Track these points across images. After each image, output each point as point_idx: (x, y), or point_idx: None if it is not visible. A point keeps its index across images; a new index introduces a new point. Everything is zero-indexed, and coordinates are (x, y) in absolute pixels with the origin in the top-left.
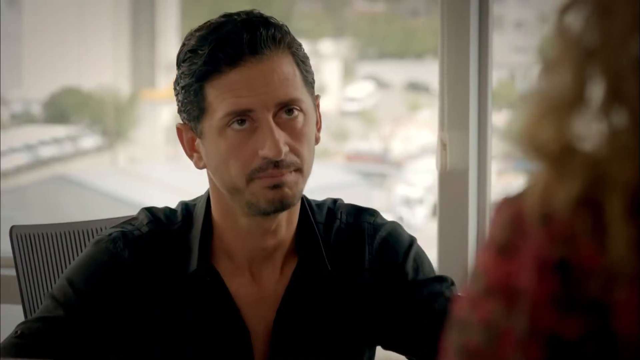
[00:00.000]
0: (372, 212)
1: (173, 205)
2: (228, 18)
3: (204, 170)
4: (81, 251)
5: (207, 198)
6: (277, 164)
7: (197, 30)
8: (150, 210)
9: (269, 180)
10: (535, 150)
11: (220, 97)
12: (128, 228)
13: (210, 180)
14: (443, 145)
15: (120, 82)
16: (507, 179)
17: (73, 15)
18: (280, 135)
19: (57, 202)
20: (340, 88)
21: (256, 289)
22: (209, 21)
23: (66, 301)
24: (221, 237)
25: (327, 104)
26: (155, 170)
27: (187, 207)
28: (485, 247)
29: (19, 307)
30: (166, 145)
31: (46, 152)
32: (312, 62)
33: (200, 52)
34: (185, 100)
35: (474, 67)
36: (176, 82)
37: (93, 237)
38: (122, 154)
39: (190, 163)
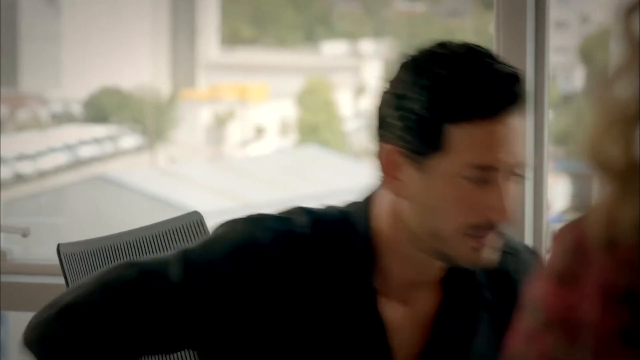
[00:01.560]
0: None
1: (213, 206)
2: (488, 59)
3: (245, 171)
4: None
5: (365, 211)
6: (492, 226)
7: (448, 57)
8: (310, 212)
9: (479, 241)
10: (599, 165)
11: (468, 144)
12: (290, 225)
13: (397, 205)
14: None
15: (159, 82)
16: (551, 179)
17: (112, 15)
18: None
19: (96, 203)
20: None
21: (406, 312)
22: (464, 49)
23: (199, 270)
24: (382, 257)
25: (368, 104)
26: (195, 171)
27: (343, 216)
28: (544, 276)
29: None
30: (206, 145)
31: (86, 151)
32: (353, 62)
33: (454, 88)
34: (416, 128)
35: (530, 70)
36: (400, 102)
37: (140, 246)
38: (162, 154)
39: (231, 164)
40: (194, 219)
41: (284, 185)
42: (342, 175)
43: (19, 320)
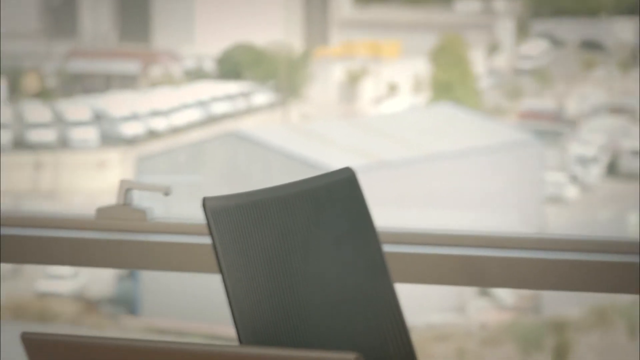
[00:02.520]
0: None
1: (345, 163)
2: None
3: (378, 129)
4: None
5: None
6: None
7: None
8: None
9: None
10: None
11: None
12: None
13: None
14: None
15: (292, 39)
16: None
17: None
18: None
19: (230, 159)
20: (514, 46)
21: None
22: None
23: None
24: None
25: (501, 62)
26: (328, 128)
27: None
28: None
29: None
30: (339, 102)
31: (219, 108)
32: (486, 20)
33: None
34: None
35: None
36: None
37: (289, 202)
38: (295, 111)
39: (364, 122)
40: (346, 176)
41: (417, 143)
42: (475, 133)
43: (152, 279)
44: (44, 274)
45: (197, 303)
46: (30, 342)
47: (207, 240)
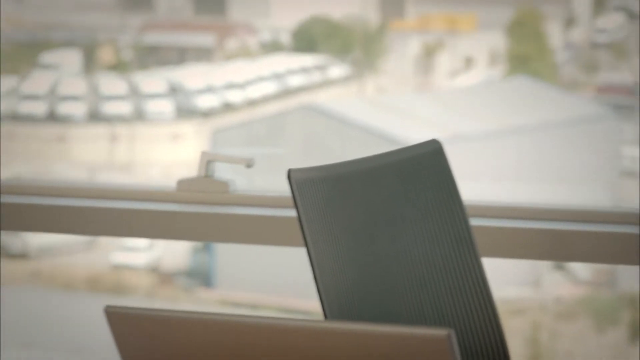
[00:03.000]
0: None
1: (421, 136)
2: None
3: (453, 102)
4: (363, 194)
5: None
6: None
7: None
8: None
9: None
10: None
11: None
12: None
13: None
14: None
15: (368, 12)
16: None
17: None
18: None
19: (306, 132)
20: (591, 19)
21: None
22: None
23: None
24: None
25: (578, 35)
26: (404, 101)
27: None
28: None
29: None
30: (414, 75)
31: (294, 81)
32: None
33: None
34: None
35: None
36: None
37: (374, 174)
38: (370, 84)
39: (440, 95)
40: (433, 148)
41: (493, 116)
42: (551, 107)
43: (227, 251)
44: (119, 246)
45: (272, 276)
46: (113, 315)
47: (288, 213)
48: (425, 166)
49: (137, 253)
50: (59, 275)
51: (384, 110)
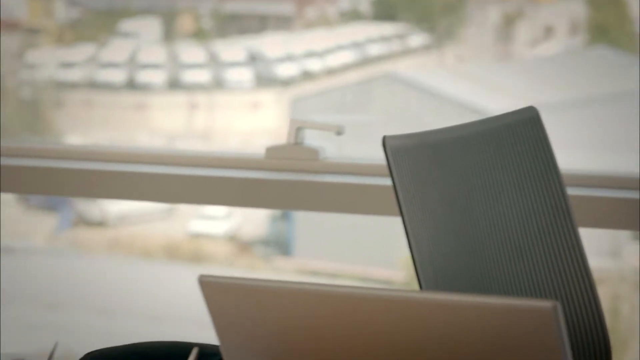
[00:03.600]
0: None
1: (502, 105)
2: None
3: (534, 71)
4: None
5: None
6: None
7: None
8: None
9: None
10: None
11: None
12: None
13: None
14: None
15: None
16: None
17: None
18: None
19: (385, 100)
20: None
21: None
22: None
23: None
24: None
25: None
26: (484, 70)
27: None
28: None
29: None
30: (494, 44)
31: (374, 50)
32: None
33: None
34: None
35: None
36: None
37: (471, 140)
38: (450, 52)
39: (520, 64)
40: (530, 115)
41: (573, 86)
42: (632, 78)
43: (306, 220)
44: (197, 215)
45: (351, 244)
46: (207, 284)
47: (380, 181)
48: (521, 133)
49: (215, 221)
50: (137, 243)
51: (463, 79)
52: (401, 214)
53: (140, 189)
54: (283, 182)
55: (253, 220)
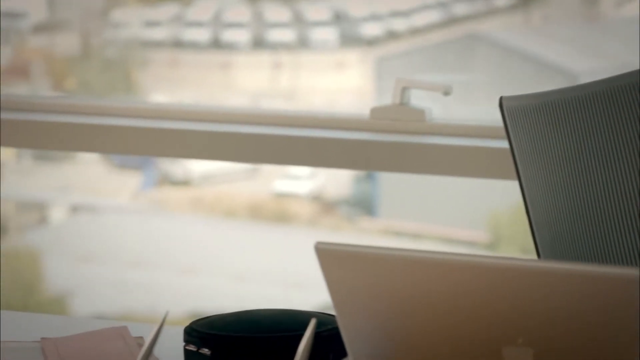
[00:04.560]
0: None
1: (585, 66)
2: None
3: (620, 32)
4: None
5: None
6: None
7: None
8: None
9: None
10: None
11: None
12: None
13: None
14: None
15: None
16: None
17: None
18: None
19: (471, 61)
20: None
21: None
22: None
23: None
24: None
25: None
26: (570, 31)
27: None
28: None
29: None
30: (580, 5)
31: (459, 9)
32: None
33: None
34: None
35: None
36: None
37: (587, 102)
38: (536, 12)
39: (606, 24)
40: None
41: None
42: None
43: (391, 180)
44: (281, 174)
45: (435, 205)
46: (323, 251)
47: (489, 143)
48: (626, 97)
49: (299, 181)
50: (221, 202)
51: (549, 39)
52: (518, 177)
53: (227, 149)
54: (389, 144)
55: (337, 180)
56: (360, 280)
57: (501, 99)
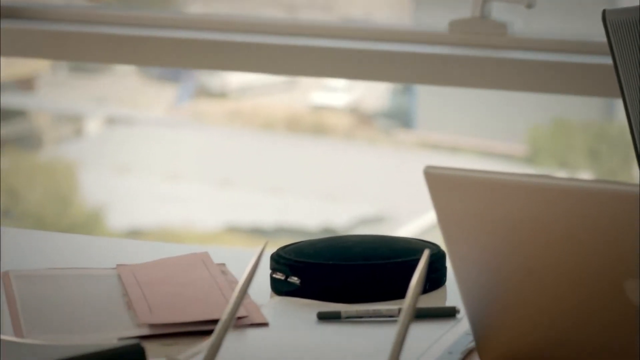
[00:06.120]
0: None
1: None
2: None
3: None
4: None
5: None
6: None
7: None
8: None
9: None
10: None
11: None
12: None
13: None
14: None
15: None
16: None
17: None
18: None
19: None
20: None
21: None
22: None
23: None
24: None
25: None
26: None
27: None
28: None
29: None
30: None
31: None
32: None
33: None
34: None
35: None
36: None
37: None
38: None
39: None
40: None
41: None
42: None
43: (428, 92)
44: (319, 86)
45: (473, 117)
46: (432, 176)
47: (573, 58)
48: None
49: (337, 93)
50: (258, 114)
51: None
52: (622, 93)
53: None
54: (468, 58)
55: (375, 92)
56: (471, 207)
57: (604, 12)
